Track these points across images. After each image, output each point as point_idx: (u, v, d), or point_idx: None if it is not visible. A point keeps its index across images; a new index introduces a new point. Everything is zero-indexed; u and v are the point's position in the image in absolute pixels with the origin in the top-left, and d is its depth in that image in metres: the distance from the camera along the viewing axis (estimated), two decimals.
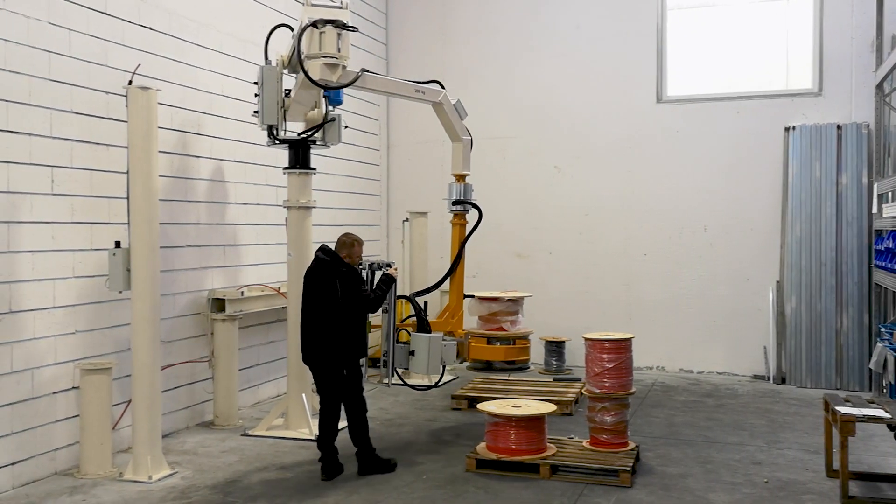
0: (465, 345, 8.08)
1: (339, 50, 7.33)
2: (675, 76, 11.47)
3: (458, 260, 8.30)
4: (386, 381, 7.50)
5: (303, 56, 7.31)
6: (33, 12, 6.47)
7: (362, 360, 6.85)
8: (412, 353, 7.45)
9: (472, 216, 8.53)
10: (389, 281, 6.97)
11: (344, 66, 7.50)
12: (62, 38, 6.74)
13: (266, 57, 7.65)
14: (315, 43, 7.28)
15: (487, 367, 8.20)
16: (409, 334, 7.69)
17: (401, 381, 7.95)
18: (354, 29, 7.30)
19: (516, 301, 8.26)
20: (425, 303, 7.79)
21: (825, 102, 10.63)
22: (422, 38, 12.42)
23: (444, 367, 7.83)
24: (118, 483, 6.44)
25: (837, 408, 6.17)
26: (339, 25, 7.14)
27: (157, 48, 7.76)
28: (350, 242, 6.72)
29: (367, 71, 7.97)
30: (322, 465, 6.57)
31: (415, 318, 7.73)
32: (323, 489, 6.34)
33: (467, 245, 8.56)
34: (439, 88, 8.37)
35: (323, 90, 7.59)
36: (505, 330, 8.11)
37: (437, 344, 7.50)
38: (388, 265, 7.25)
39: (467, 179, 8.53)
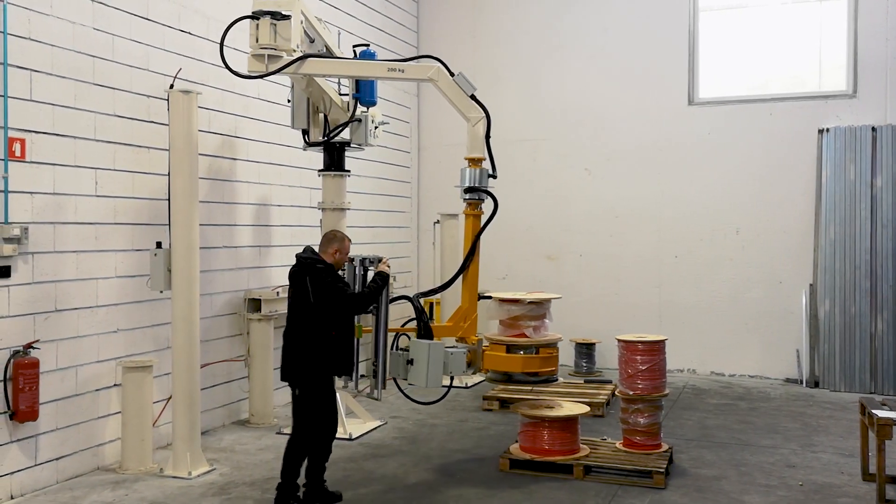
0: (477, 352, 6.95)
1: (274, 40, 6.88)
2: (707, 78, 11.43)
3: (470, 255, 7.02)
4: (375, 393, 6.49)
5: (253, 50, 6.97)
6: (79, 18, 6.63)
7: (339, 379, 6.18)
8: (410, 361, 6.30)
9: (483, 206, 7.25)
10: (384, 278, 6.14)
11: (271, 56, 6.86)
12: (106, 42, 6.89)
13: (222, 54, 6.87)
14: (254, 35, 6.95)
15: (507, 379, 7.10)
16: (409, 339, 6.53)
17: (403, 394, 6.70)
18: (287, 17, 6.93)
19: (541, 304, 7.16)
20: (430, 304, 7.06)
21: (860, 104, 10.56)
22: (452, 41, 12.48)
23: (452, 378, 6.58)
24: (159, 478, 6.57)
25: (874, 411, 6.14)
26: (278, 17, 6.82)
27: (195, 52, 7.90)
28: (341, 237, 6.10)
29: (318, 55, 7.33)
30: (279, 487, 5.97)
31: (416, 323, 6.57)
32: (359, 487, 6.42)
33: (494, 244, 8.05)
34: (430, 63, 7.08)
35: (261, 78, 7.32)
36: (527, 336, 7.06)
37: (439, 352, 6.29)
38: (379, 260, 6.40)
39: (483, 164, 7.15)
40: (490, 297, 7.24)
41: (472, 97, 7.00)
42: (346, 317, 6.02)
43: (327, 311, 5.79)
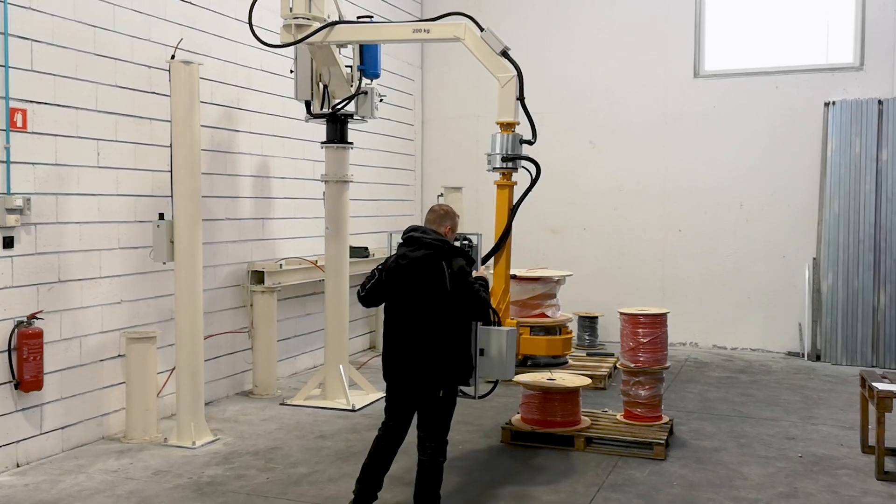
0: (518, 338, 6.33)
1: (309, 10, 6.98)
2: (713, 50, 11.34)
3: (506, 232, 6.45)
4: (468, 391, 5.86)
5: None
6: None
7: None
8: (481, 351, 5.76)
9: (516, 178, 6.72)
10: (486, 285, 5.42)
11: (298, 25, 6.92)
12: (106, 12, 6.85)
13: (251, 28, 7.11)
14: (287, 6, 7.04)
15: (521, 362, 6.60)
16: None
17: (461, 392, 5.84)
18: None
19: (558, 282, 7.01)
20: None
21: (866, 77, 10.47)
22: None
23: None
24: (163, 448, 6.63)
25: (874, 384, 6.16)
26: None
27: (196, 23, 7.85)
28: (453, 212, 5.37)
29: (346, 21, 7.36)
30: (357, 496, 5.26)
31: None
32: (361, 457, 6.39)
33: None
34: (457, 21, 6.68)
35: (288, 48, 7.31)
36: (548, 317, 6.77)
37: (514, 339, 5.82)
38: (466, 241, 5.80)
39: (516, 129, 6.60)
40: (515, 277, 6.78)
41: (503, 54, 6.56)
42: (472, 315, 5.29)
43: (458, 305, 5.07)
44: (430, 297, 5.02)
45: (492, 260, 6.24)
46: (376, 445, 5.29)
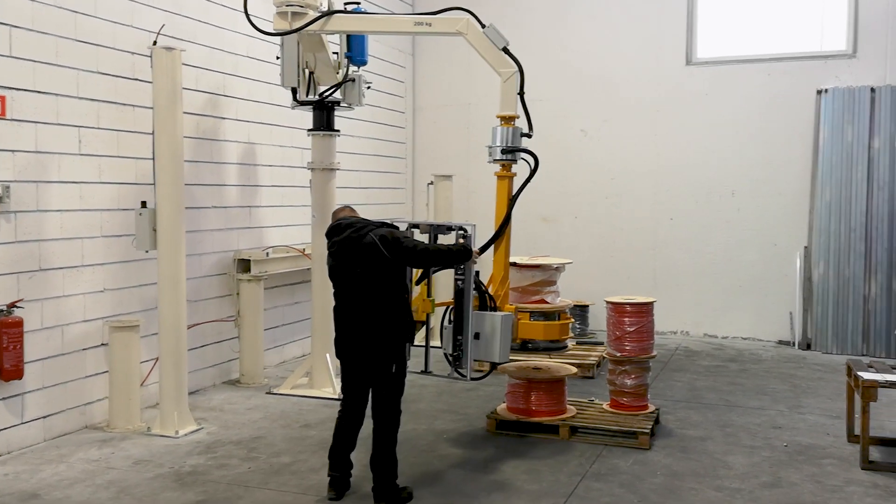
0: (516, 323, 6.65)
1: None
2: (706, 38, 11.26)
3: (506, 221, 6.68)
4: (462, 372, 6.13)
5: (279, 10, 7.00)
6: None
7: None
8: (476, 335, 6.00)
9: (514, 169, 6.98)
10: (464, 252, 5.68)
11: (295, 13, 6.92)
12: None
13: (248, 16, 7.07)
14: None
15: (522, 346, 6.89)
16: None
17: (458, 373, 6.24)
18: None
19: (558, 269, 7.23)
20: (477, 273, 6.27)
21: (859, 64, 10.40)
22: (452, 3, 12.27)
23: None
24: (146, 437, 6.60)
25: (860, 373, 6.14)
26: None
27: (181, 8, 7.77)
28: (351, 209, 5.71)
29: (344, 11, 7.28)
30: (331, 479, 5.40)
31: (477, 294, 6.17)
32: None
33: (489, 205, 7.65)
34: (458, 16, 6.73)
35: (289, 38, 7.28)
36: (548, 303, 6.99)
37: (510, 324, 6.11)
38: (462, 231, 6.02)
39: (516, 122, 6.85)
40: (515, 264, 6.98)
41: (505, 50, 6.68)
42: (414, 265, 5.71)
43: (402, 269, 5.37)
44: (372, 270, 5.19)
45: (492, 247, 6.47)
46: (336, 425, 5.48)
